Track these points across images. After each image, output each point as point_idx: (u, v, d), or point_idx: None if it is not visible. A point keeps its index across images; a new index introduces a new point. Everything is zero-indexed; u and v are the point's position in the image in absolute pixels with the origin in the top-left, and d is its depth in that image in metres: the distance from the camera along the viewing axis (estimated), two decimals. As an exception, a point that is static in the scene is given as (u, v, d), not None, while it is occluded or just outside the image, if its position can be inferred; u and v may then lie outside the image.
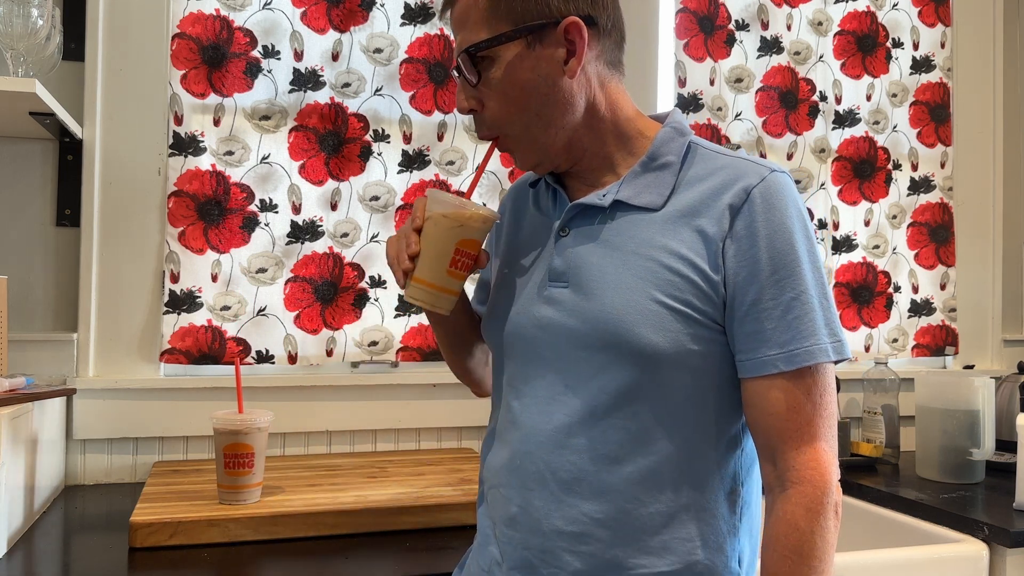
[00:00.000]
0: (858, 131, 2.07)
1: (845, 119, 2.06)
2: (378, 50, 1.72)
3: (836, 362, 0.86)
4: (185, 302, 1.60)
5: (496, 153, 1.00)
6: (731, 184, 0.87)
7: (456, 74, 0.92)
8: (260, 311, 1.64)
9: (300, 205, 1.67)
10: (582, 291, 0.89)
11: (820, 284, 0.86)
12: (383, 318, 1.72)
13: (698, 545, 0.86)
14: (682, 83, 1.92)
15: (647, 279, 0.86)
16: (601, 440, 0.86)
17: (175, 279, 1.60)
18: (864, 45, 2.08)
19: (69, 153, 1.59)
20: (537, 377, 0.91)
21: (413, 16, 1.74)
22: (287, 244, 1.66)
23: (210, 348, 1.61)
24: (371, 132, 1.71)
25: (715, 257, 0.86)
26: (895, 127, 2.11)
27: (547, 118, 0.90)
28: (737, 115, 1.96)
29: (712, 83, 1.93)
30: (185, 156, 1.60)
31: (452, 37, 1.76)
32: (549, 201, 0.98)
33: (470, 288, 1.73)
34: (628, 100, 0.95)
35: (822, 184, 2.03)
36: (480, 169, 0.99)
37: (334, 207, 1.69)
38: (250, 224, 1.64)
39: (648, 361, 0.85)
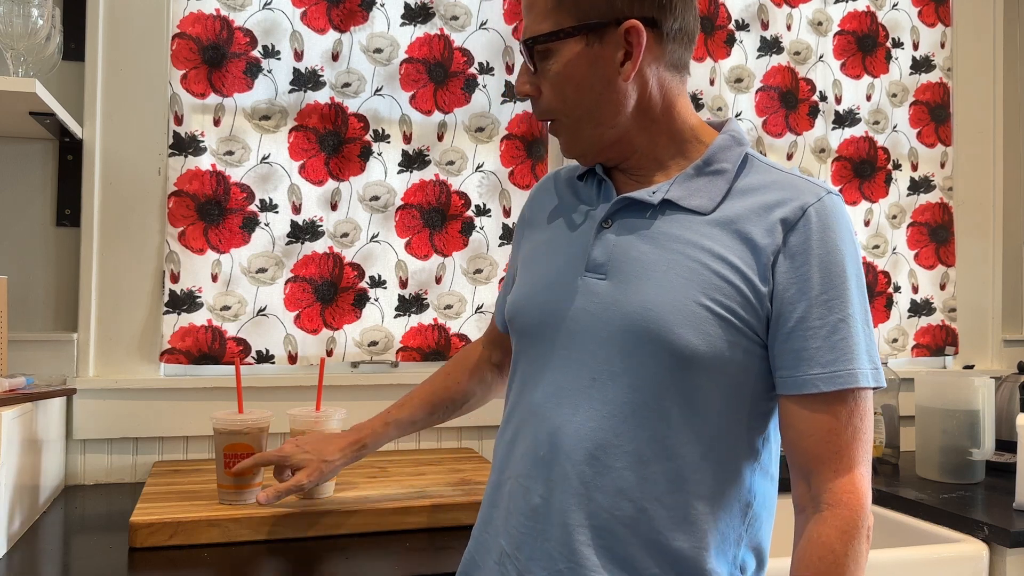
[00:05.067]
0: (858, 131, 2.07)
1: (845, 119, 2.06)
2: (378, 50, 1.72)
3: (874, 389, 0.86)
4: (185, 302, 1.60)
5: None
6: (787, 200, 0.87)
7: (522, 56, 0.94)
8: (260, 311, 1.64)
9: (300, 205, 1.67)
10: (621, 285, 0.88)
11: (864, 311, 0.86)
12: (383, 318, 1.72)
13: (712, 555, 0.86)
14: (682, 83, 1.92)
15: (692, 280, 0.85)
16: (627, 438, 0.85)
17: (175, 279, 1.60)
18: (864, 45, 2.08)
19: (69, 153, 1.59)
20: (562, 368, 0.90)
21: (413, 16, 1.74)
22: (287, 244, 1.66)
23: (210, 348, 1.61)
24: (371, 132, 1.71)
25: (765, 269, 0.85)
26: (895, 127, 2.11)
27: (598, 117, 0.91)
28: (737, 115, 1.96)
29: (712, 83, 1.93)
30: (185, 156, 1.60)
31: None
32: (593, 192, 0.97)
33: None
34: (688, 103, 0.95)
35: (822, 184, 2.03)
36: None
37: (334, 207, 1.69)
38: (250, 224, 1.64)
39: (684, 362, 0.84)
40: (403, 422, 1.23)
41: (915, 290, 2.11)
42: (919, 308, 2.11)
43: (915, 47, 2.13)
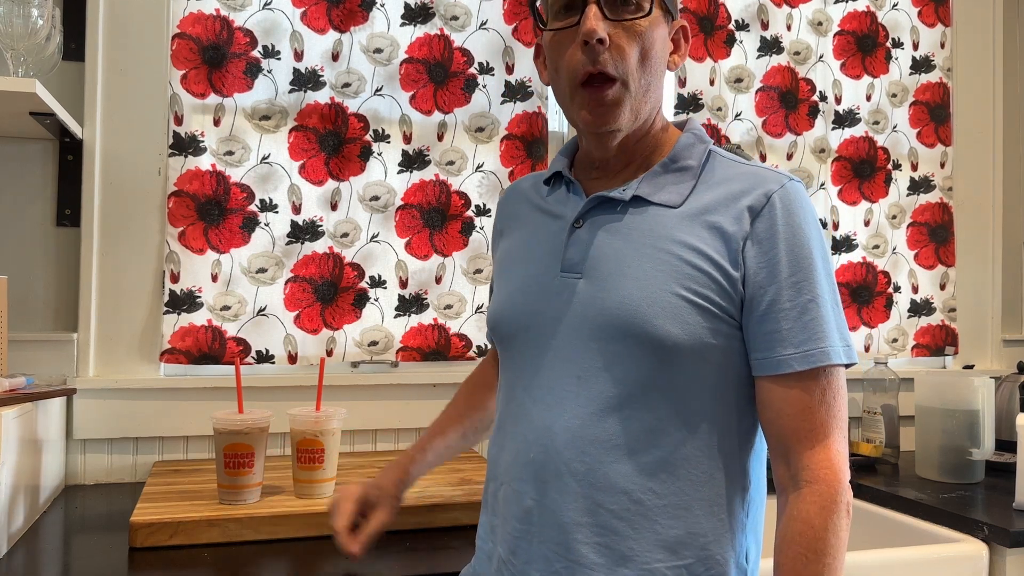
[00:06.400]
0: (858, 131, 2.07)
1: (845, 119, 2.06)
2: (378, 50, 1.72)
3: (846, 366, 0.88)
4: (185, 302, 1.60)
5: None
6: (751, 189, 0.90)
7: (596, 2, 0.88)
8: (260, 311, 1.64)
9: (300, 205, 1.67)
10: (597, 282, 0.89)
11: (832, 290, 0.89)
12: (383, 318, 1.72)
13: (710, 540, 0.87)
14: (682, 83, 1.92)
15: (666, 272, 0.87)
16: (616, 431, 0.86)
17: (175, 279, 1.60)
18: (864, 45, 2.08)
19: (69, 153, 1.59)
20: (547, 369, 0.91)
21: (413, 16, 1.74)
22: (287, 244, 1.66)
23: (210, 348, 1.61)
24: (371, 132, 1.72)
25: (735, 255, 0.87)
26: (895, 127, 2.11)
27: (656, 94, 0.93)
28: (737, 115, 1.96)
29: (712, 83, 1.93)
30: (185, 156, 1.60)
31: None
32: (562, 195, 0.99)
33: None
34: None
35: (822, 184, 2.03)
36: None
37: (334, 207, 1.69)
38: (250, 224, 1.64)
39: (666, 353, 0.85)
40: (438, 447, 1.16)
41: (915, 290, 2.11)
42: (919, 308, 2.11)
43: (915, 47, 2.13)
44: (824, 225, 2.03)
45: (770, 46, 1.99)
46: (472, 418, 1.20)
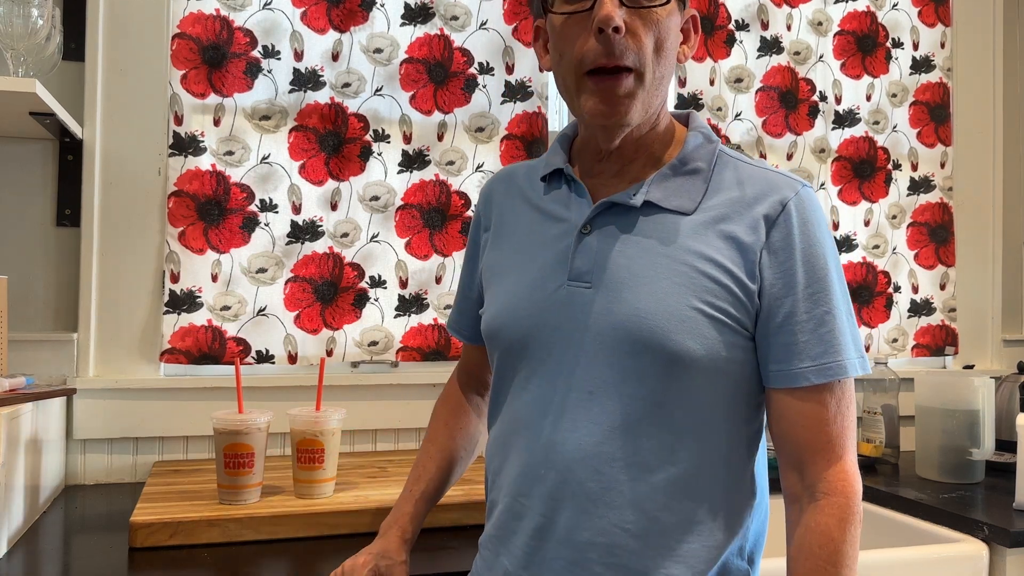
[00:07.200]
0: (858, 131, 2.07)
1: (845, 119, 2.06)
2: (378, 50, 1.72)
3: None
4: (185, 302, 1.60)
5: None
6: (765, 195, 0.87)
7: None
8: (260, 311, 1.64)
9: (300, 205, 1.67)
10: (609, 292, 0.86)
11: (846, 299, 0.88)
12: (383, 318, 1.72)
13: (722, 549, 0.86)
14: (682, 83, 1.92)
15: (683, 284, 0.84)
16: (632, 449, 0.84)
17: (175, 279, 1.60)
18: (864, 45, 2.08)
19: (69, 153, 1.59)
20: (556, 382, 0.88)
21: (413, 16, 1.74)
22: (287, 244, 1.66)
23: (210, 348, 1.61)
24: (371, 132, 1.71)
25: (752, 266, 0.85)
26: (895, 127, 2.11)
27: (665, 87, 0.90)
28: (737, 115, 1.96)
29: (712, 83, 1.93)
30: (185, 156, 1.60)
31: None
32: (563, 195, 0.94)
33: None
34: None
35: (822, 184, 2.03)
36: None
37: (334, 207, 1.69)
38: (250, 224, 1.64)
39: (682, 368, 0.83)
40: (429, 493, 1.08)
41: (915, 290, 2.11)
42: (919, 308, 2.11)
43: (915, 47, 2.13)
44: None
45: (770, 46, 1.99)
46: (457, 451, 1.11)
